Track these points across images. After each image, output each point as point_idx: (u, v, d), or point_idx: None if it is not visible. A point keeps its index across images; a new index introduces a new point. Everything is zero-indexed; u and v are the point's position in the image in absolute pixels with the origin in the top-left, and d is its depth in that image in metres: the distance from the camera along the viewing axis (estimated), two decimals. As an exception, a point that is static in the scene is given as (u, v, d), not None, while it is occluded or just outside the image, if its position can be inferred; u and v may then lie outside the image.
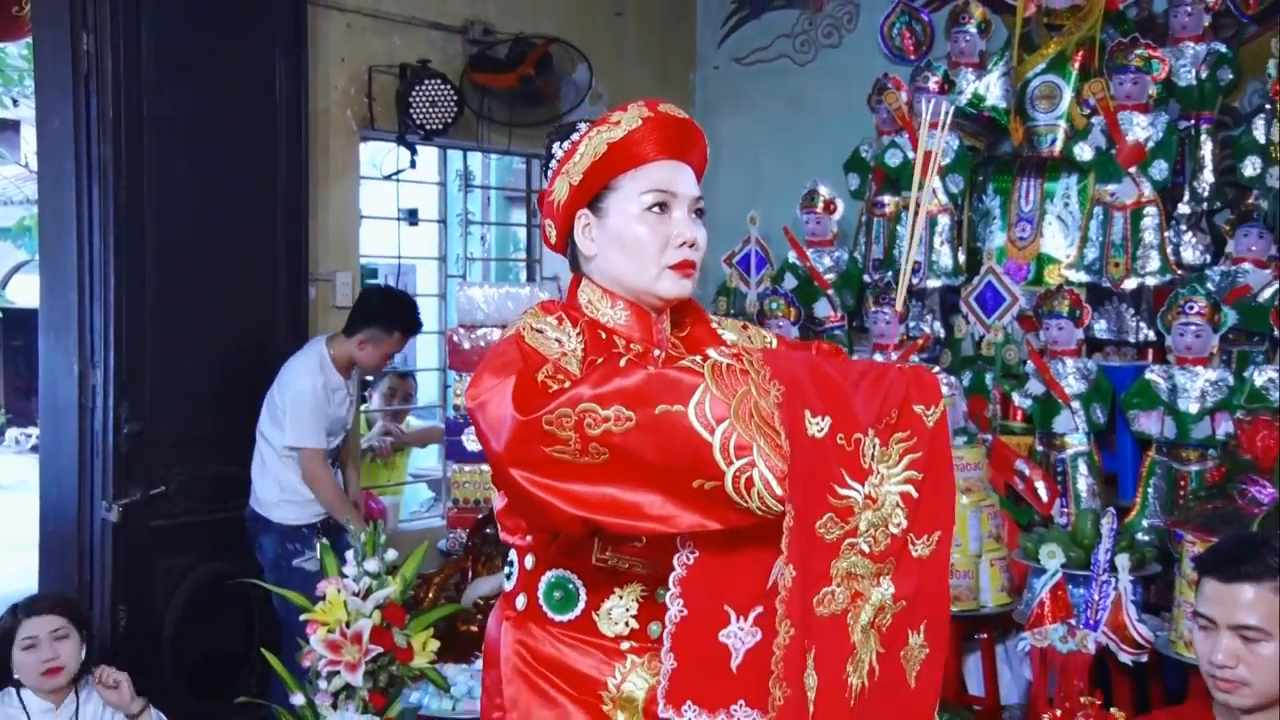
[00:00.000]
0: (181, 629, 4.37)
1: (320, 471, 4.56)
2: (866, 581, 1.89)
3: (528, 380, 1.84)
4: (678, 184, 2.06)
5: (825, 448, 1.80)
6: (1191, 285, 4.68)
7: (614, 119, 2.04)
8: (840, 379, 1.86)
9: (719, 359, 1.79)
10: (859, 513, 1.85)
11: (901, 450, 1.91)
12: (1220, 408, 4.54)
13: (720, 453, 1.73)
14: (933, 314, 5.59)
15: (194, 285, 4.70)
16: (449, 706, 4.10)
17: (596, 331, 2.06)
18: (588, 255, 2.10)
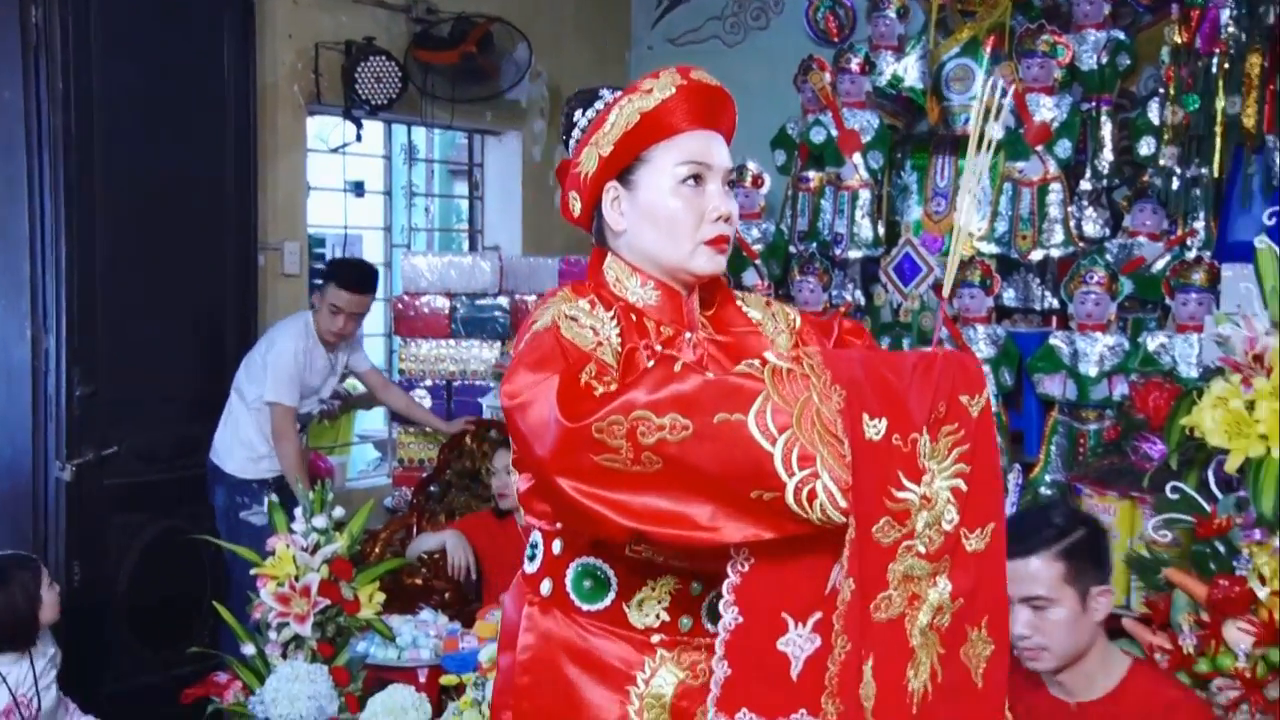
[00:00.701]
0: (135, 583, 4.37)
1: (287, 429, 4.57)
2: (924, 583, 1.75)
3: (572, 382, 1.69)
4: (712, 155, 1.91)
5: (882, 450, 1.67)
6: (1092, 257, 4.76)
7: (645, 87, 1.88)
8: (894, 376, 1.71)
9: (778, 363, 1.65)
10: (915, 514, 1.71)
11: (950, 444, 1.76)
12: (1117, 371, 4.63)
13: (782, 463, 1.60)
14: (854, 283, 5.64)
15: (144, 253, 4.66)
16: (394, 656, 4.12)
17: (629, 317, 1.90)
18: (617, 230, 1.94)
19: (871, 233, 5.47)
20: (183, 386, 4.75)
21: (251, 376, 4.67)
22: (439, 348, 5.81)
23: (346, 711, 3.82)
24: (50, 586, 3.75)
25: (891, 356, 1.83)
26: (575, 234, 6.84)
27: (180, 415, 4.74)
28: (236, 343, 4.84)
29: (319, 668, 3.82)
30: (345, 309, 4.67)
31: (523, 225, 6.74)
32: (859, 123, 5.42)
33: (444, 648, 4.12)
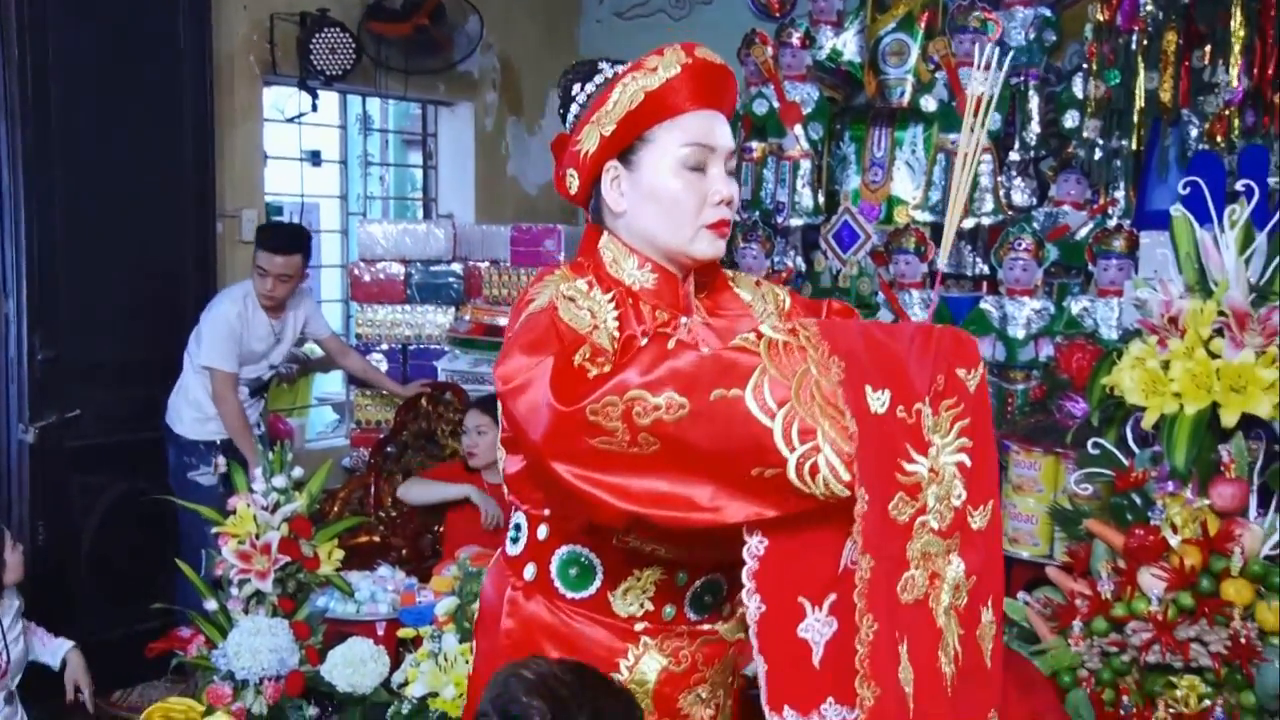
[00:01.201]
0: (97, 542, 4.34)
1: (226, 394, 4.52)
2: (940, 560, 1.64)
3: (565, 365, 1.60)
4: (715, 136, 1.81)
5: (888, 423, 1.56)
6: (1020, 225, 4.81)
7: (650, 65, 1.78)
8: (894, 344, 1.62)
9: (775, 336, 1.55)
10: (925, 488, 1.61)
11: (952, 418, 1.66)
12: (1043, 333, 4.69)
13: (782, 438, 1.51)
14: (795, 250, 5.67)
15: (104, 220, 4.61)
16: (353, 610, 4.13)
17: (626, 298, 1.82)
18: (616, 211, 1.84)
19: (812, 201, 5.50)
20: (143, 351, 4.71)
21: (196, 339, 4.64)
22: (394, 313, 5.79)
23: (307, 664, 3.82)
24: (14, 548, 3.71)
25: (889, 327, 1.71)
26: (526, 202, 6.86)
27: (140, 379, 4.70)
28: (195, 308, 4.79)
29: (280, 622, 3.82)
30: (271, 271, 4.61)
31: (475, 194, 6.71)
32: (800, 95, 5.43)
33: (401, 602, 4.14)
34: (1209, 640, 2.85)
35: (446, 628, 3.82)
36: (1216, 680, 2.84)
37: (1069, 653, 3.04)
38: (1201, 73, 4.74)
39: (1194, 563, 2.90)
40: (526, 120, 6.97)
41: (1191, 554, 2.91)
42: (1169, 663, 2.88)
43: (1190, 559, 2.91)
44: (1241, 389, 2.89)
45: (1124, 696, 2.93)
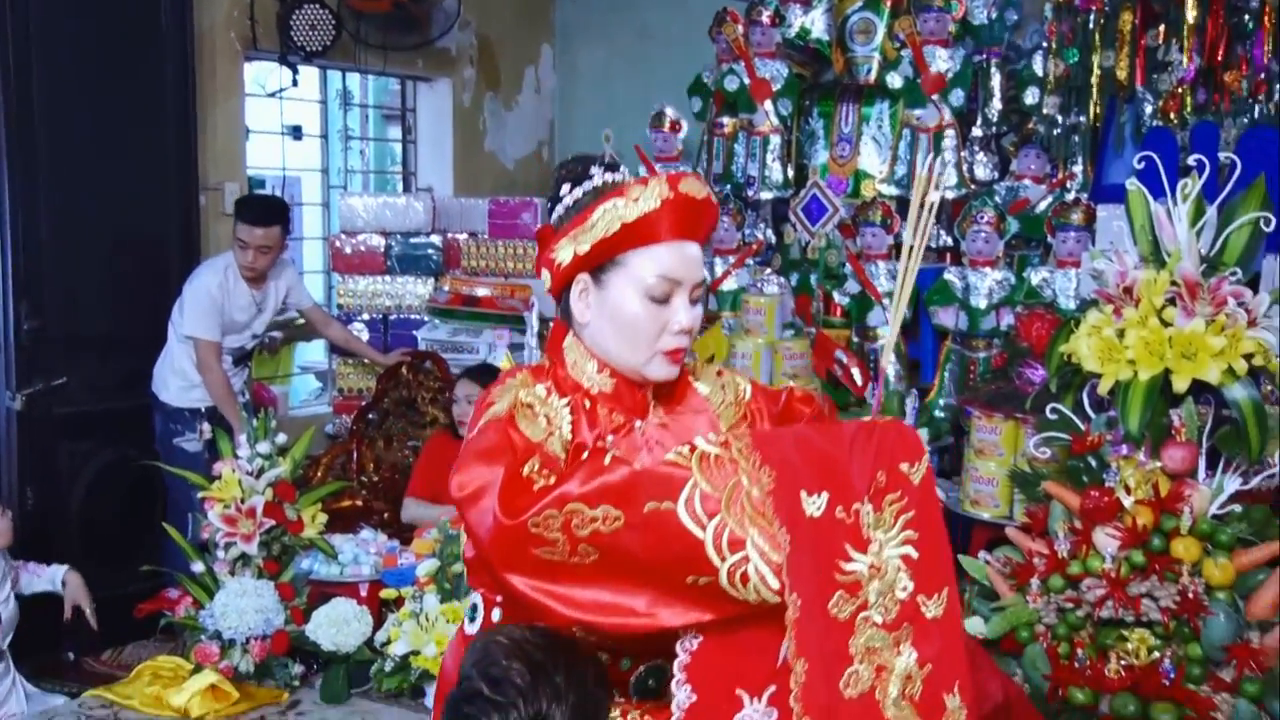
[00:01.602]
0: (85, 507, 4.33)
1: (211, 363, 4.50)
2: (888, 653, 1.63)
3: (514, 476, 1.62)
4: (684, 270, 1.79)
5: (825, 525, 1.58)
6: (982, 198, 4.83)
7: (633, 194, 1.76)
8: (832, 447, 1.62)
9: (706, 448, 1.57)
10: (866, 584, 1.61)
11: (895, 512, 1.65)
12: (1004, 303, 4.72)
13: (713, 549, 1.53)
14: (765, 222, 5.68)
15: (88, 193, 4.57)
16: (337, 572, 4.12)
17: (582, 403, 1.82)
18: (580, 321, 1.84)
19: (781, 175, 5.50)
20: (128, 321, 4.68)
21: (180, 309, 4.61)
22: (375, 284, 5.77)
23: (292, 624, 3.84)
24: (3, 514, 3.70)
25: (830, 428, 1.70)
26: (504, 176, 6.83)
27: (126, 348, 4.67)
28: (179, 279, 4.76)
29: (265, 584, 3.83)
30: (251, 243, 4.58)
31: (453, 167, 6.68)
32: (769, 72, 5.43)
33: (383, 564, 4.14)
34: (1159, 596, 2.89)
35: (427, 588, 3.84)
36: (1166, 633, 2.89)
37: (1027, 609, 3.08)
38: (1156, 52, 4.77)
39: (1146, 522, 2.94)
40: (503, 96, 6.94)
41: (1143, 514, 2.95)
42: (1121, 617, 2.92)
43: (1142, 519, 2.95)
44: (1192, 356, 2.92)
45: (1078, 650, 2.98)
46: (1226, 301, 2.92)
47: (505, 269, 5.61)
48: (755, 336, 4.80)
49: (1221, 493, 2.97)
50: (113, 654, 4.34)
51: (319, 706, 3.71)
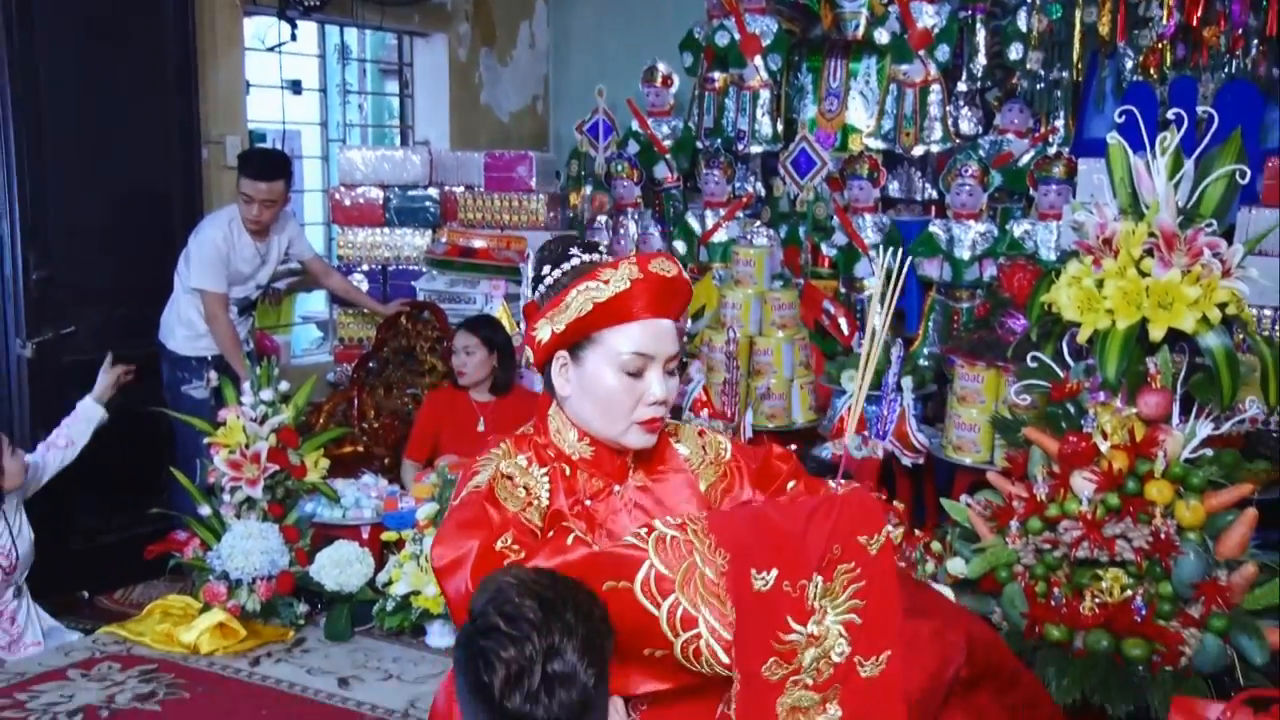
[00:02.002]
0: (95, 451, 4.31)
1: (217, 313, 4.49)
2: (813, 711, 1.71)
3: (486, 552, 1.68)
4: (658, 345, 1.82)
5: (771, 599, 1.64)
6: (966, 152, 4.82)
7: (604, 277, 1.79)
8: (788, 525, 1.67)
9: (664, 530, 1.64)
10: (802, 652, 1.68)
11: (846, 581, 1.71)
12: (987, 255, 4.72)
13: (668, 626, 1.60)
14: (755, 175, 5.67)
15: (93, 147, 4.53)
16: (339, 515, 4.15)
17: (561, 472, 1.86)
18: (561, 395, 1.87)
19: (771, 129, 5.48)
20: (133, 271, 4.66)
21: (186, 261, 4.59)
22: (374, 235, 5.75)
23: (297, 564, 3.87)
24: (14, 455, 3.71)
25: (789, 505, 1.76)
26: (499, 130, 6.79)
27: (132, 298, 4.66)
28: (183, 230, 4.73)
29: (270, 526, 3.86)
30: (256, 197, 4.56)
31: (450, 121, 6.63)
32: (759, 28, 5.39)
33: (384, 507, 4.17)
34: (1133, 537, 2.92)
35: (427, 531, 3.86)
36: (1138, 572, 2.92)
37: (1006, 550, 3.11)
38: (1137, 8, 4.75)
39: (1121, 466, 2.97)
40: (499, 51, 6.88)
41: (1119, 458, 2.98)
42: (1096, 558, 2.95)
43: (1118, 463, 2.97)
44: (1168, 305, 2.94)
45: (1055, 589, 3.01)
46: (1202, 252, 2.93)
47: (501, 221, 5.59)
48: (745, 287, 4.80)
49: (1194, 438, 2.99)
50: (124, 593, 4.37)
51: (323, 644, 3.75)
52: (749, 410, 4.46)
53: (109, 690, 3.36)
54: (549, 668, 1.32)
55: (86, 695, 3.33)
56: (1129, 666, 2.91)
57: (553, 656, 1.32)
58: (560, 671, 1.32)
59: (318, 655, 3.66)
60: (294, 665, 3.58)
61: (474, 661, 1.34)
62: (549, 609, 1.35)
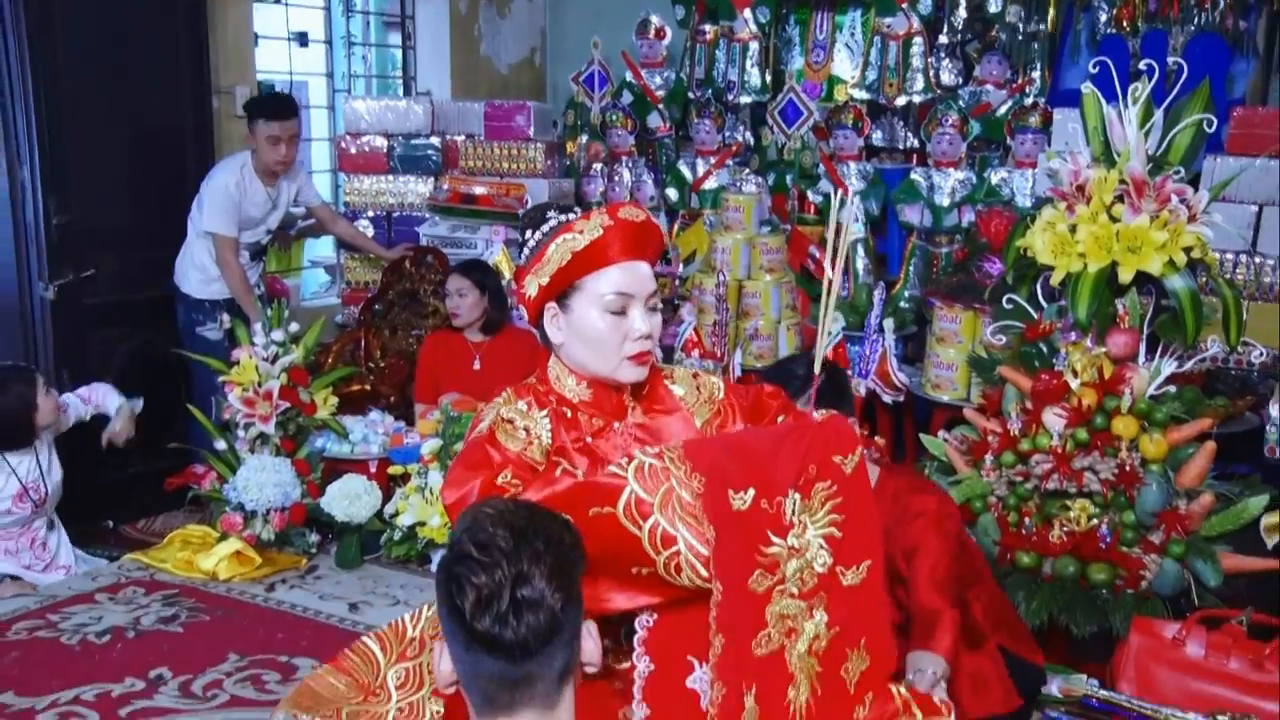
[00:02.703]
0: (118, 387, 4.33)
1: (228, 258, 4.46)
2: (800, 618, 1.79)
3: (488, 486, 1.75)
4: (635, 284, 1.87)
5: (750, 516, 1.71)
6: (947, 102, 4.79)
7: (578, 228, 1.85)
8: (761, 447, 1.76)
9: (642, 459, 1.70)
10: (785, 563, 1.75)
11: (824, 498, 1.80)
12: (965, 201, 4.71)
13: (649, 545, 1.67)
14: (744, 125, 5.64)
15: (108, 98, 4.48)
16: (347, 450, 4.17)
17: (562, 413, 1.91)
18: (555, 343, 1.93)
19: (760, 80, 5.44)
20: (149, 216, 4.63)
21: (198, 207, 4.56)
22: (379, 182, 5.71)
23: (308, 497, 3.89)
24: (48, 394, 3.72)
25: (766, 430, 1.87)
26: (498, 81, 6.73)
27: (148, 242, 4.63)
28: (196, 177, 4.69)
29: (282, 460, 3.88)
30: (282, 135, 4.51)
31: (451, 72, 6.57)
32: (749, -19, 5.33)
33: (391, 443, 4.18)
34: (1099, 469, 2.95)
35: (431, 465, 3.88)
36: (1104, 503, 2.96)
37: (981, 482, 3.15)
38: (1112, -38, 4.70)
39: (1090, 402, 2.99)
40: (498, 4, 6.78)
41: (1088, 395, 3.00)
42: (1065, 489, 2.99)
43: (1087, 399, 3.00)
44: (1137, 249, 2.94)
45: (1026, 519, 3.05)
46: (1170, 199, 2.93)
47: (500, 169, 5.56)
48: (734, 232, 4.79)
49: (1159, 375, 3.01)
50: (147, 523, 4.39)
51: (334, 571, 3.78)
52: (738, 350, 4.47)
53: (134, 613, 3.40)
54: (518, 593, 1.34)
55: (114, 617, 3.36)
56: (1093, 590, 2.96)
57: (521, 582, 1.34)
58: (528, 596, 1.34)
59: (329, 582, 3.70)
60: (307, 591, 3.61)
61: (448, 586, 1.37)
62: (520, 537, 1.38)
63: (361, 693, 2.09)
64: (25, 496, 3.66)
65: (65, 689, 2.92)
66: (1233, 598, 2.90)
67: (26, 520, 3.69)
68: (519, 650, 1.35)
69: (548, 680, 1.39)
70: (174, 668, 3.05)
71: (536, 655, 1.36)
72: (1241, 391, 3.73)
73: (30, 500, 3.67)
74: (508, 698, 1.38)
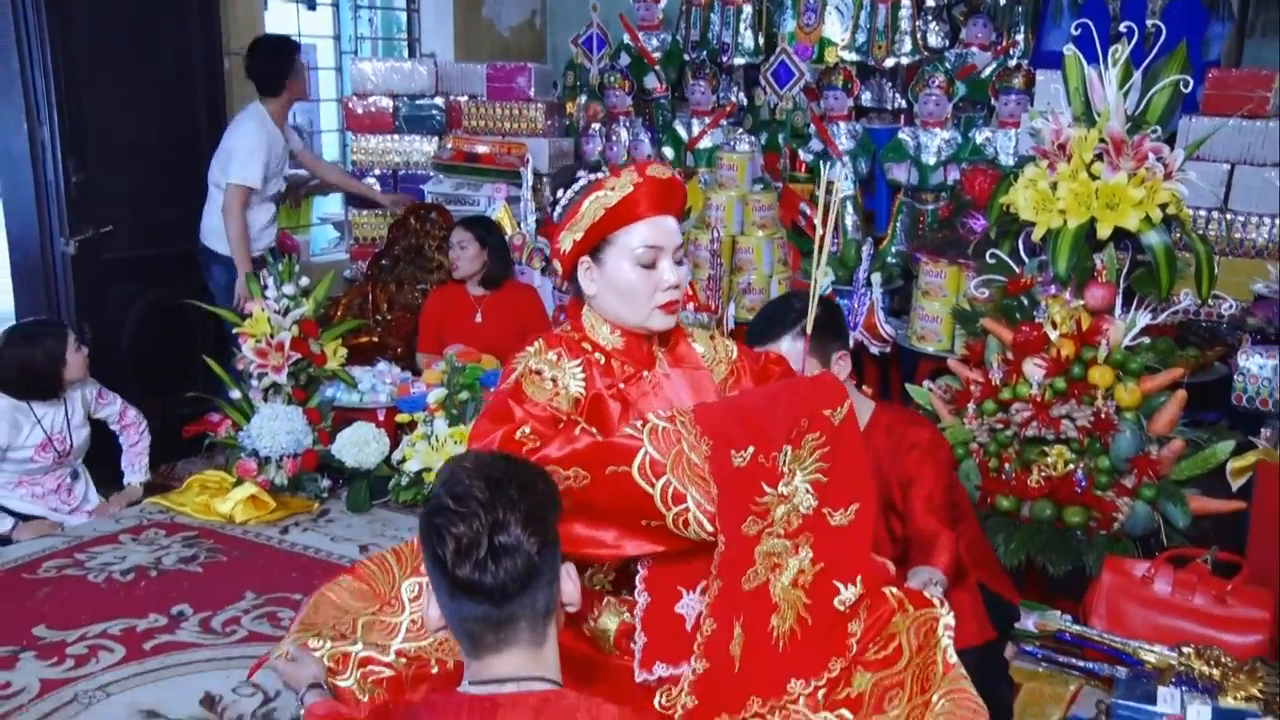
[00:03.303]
0: (137, 340, 4.34)
1: (237, 209, 4.41)
2: (784, 555, 1.87)
3: (508, 440, 1.78)
4: (664, 238, 1.92)
5: (748, 472, 1.79)
6: (933, 64, 4.76)
7: (609, 185, 1.90)
8: (760, 406, 1.83)
9: (656, 422, 1.77)
10: (774, 509, 1.84)
11: (813, 447, 1.87)
12: (951, 160, 4.69)
13: (660, 501, 1.74)
14: (737, 86, 5.60)
15: (122, 58, 4.45)
16: (357, 399, 4.18)
17: (596, 360, 1.95)
18: (590, 294, 1.97)
19: (753, 42, 5.40)
20: (163, 176, 4.62)
21: (221, 166, 4.52)
22: (385, 142, 5.68)
23: (320, 444, 3.91)
24: (78, 349, 3.70)
25: (762, 389, 1.95)
26: (500, 43, 6.68)
27: (163, 200, 4.62)
28: (208, 137, 4.68)
29: (294, 409, 3.89)
30: (301, 73, 4.59)
31: (454, 34, 6.51)
32: (744, -55, 5.27)
33: (398, 393, 4.19)
34: (1076, 416, 2.97)
35: (437, 414, 3.90)
36: (1080, 449, 2.98)
37: (964, 429, 3.17)
38: (1095, -75, 4.64)
39: (1068, 353, 3.01)
40: (499, -33, 6.74)
41: (1067, 346, 3.01)
42: (1043, 436, 3.01)
43: (1065, 350, 3.01)
44: (1115, 206, 2.94)
45: (1006, 464, 3.07)
46: (1147, 157, 2.93)
47: (502, 128, 5.52)
48: (728, 190, 4.78)
49: (1134, 327, 3.02)
50: (166, 469, 4.42)
51: (345, 515, 3.81)
52: (731, 303, 4.47)
53: (156, 553, 3.43)
54: (495, 540, 1.36)
55: (137, 557, 3.39)
56: (1068, 531, 2.99)
57: (498, 529, 1.36)
58: (505, 543, 1.36)
59: (340, 525, 3.72)
60: (319, 533, 3.64)
61: (430, 537, 1.40)
62: (495, 487, 1.40)
63: (377, 602, 2.13)
64: (49, 447, 3.67)
65: (93, 623, 2.96)
66: (1199, 538, 2.94)
67: (49, 469, 3.71)
68: (499, 594, 1.37)
69: (530, 619, 1.41)
70: (194, 605, 3.08)
71: (517, 598, 1.38)
72: (1211, 342, 3.74)
73: (54, 451, 3.68)
74: (493, 639, 1.40)
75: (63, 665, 2.75)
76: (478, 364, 4.01)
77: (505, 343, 4.03)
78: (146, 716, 2.54)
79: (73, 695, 2.62)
